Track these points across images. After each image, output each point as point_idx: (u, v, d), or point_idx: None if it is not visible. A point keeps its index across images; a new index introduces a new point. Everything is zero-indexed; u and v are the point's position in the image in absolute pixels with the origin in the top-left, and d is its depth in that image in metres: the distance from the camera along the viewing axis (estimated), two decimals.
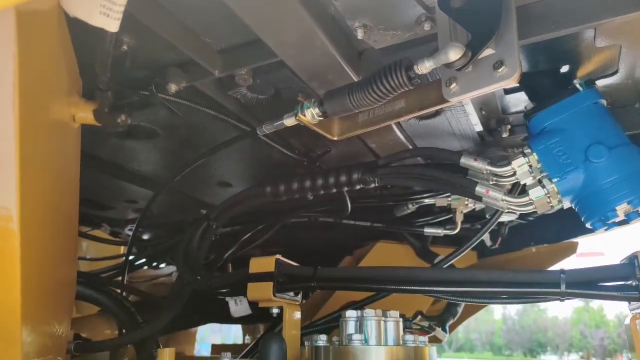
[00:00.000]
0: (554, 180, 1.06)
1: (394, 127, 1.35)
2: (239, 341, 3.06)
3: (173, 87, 1.09)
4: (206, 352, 2.95)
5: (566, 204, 1.12)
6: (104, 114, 0.92)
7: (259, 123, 1.21)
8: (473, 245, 1.52)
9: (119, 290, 1.60)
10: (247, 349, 1.67)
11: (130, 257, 1.96)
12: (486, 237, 1.80)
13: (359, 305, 1.46)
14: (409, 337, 1.10)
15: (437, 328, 1.62)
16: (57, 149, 0.81)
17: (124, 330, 1.48)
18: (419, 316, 1.67)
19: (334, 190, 1.43)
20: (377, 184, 1.36)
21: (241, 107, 1.27)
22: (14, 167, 0.58)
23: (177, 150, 1.53)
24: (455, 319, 1.77)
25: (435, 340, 1.68)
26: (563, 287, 1.04)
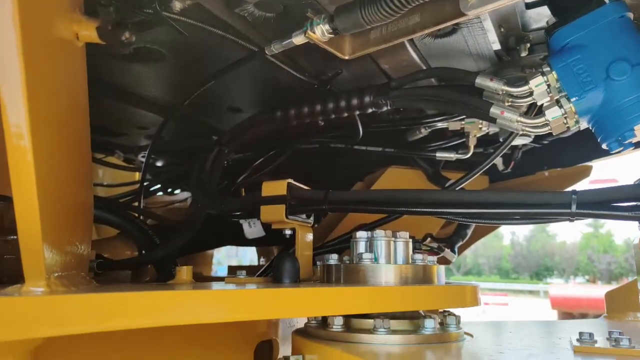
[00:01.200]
0: (573, 99, 1.03)
1: (408, 46, 1.30)
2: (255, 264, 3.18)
3: (177, 5, 1.05)
4: (223, 274, 3.09)
5: (583, 125, 1.09)
6: (108, 31, 0.89)
7: (267, 43, 1.18)
8: (485, 169, 1.51)
9: (136, 214, 1.65)
10: (262, 269, 1.74)
11: (145, 184, 2.00)
12: (499, 161, 1.78)
13: (369, 227, 1.48)
14: (418, 256, 1.13)
15: (446, 249, 1.66)
16: (63, 67, 0.79)
17: (143, 252, 1.55)
18: (429, 238, 1.70)
19: (346, 114, 1.41)
20: (389, 107, 1.33)
21: (249, 26, 1.22)
22: (19, 83, 0.57)
23: (185, 73, 1.50)
24: (464, 241, 1.80)
25: (444, 261, 1.72)
26: (574, 208, 1.04)
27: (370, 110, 1.36)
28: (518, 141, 1.61)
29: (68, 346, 0.75)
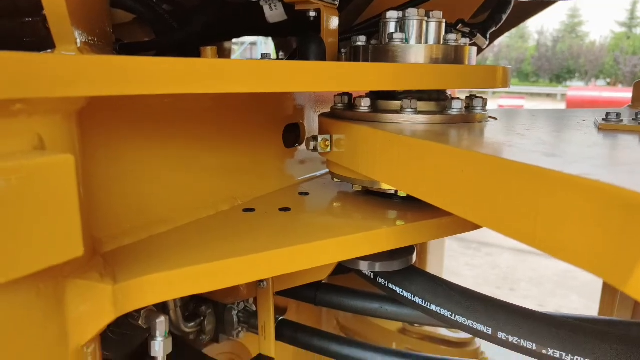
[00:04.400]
0: None
1: None
2: None
3: None
4: None
5: None
6: None
7: None
8: None
9: None
10: (285, 59, 1.70)
11: None
12: None
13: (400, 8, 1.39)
14: (451, 36, 1.08)
15: (478, 34, 1.58)
16: None
17: None
18: (460, 24, 1.60)
19: None
20: None
21: None
22: None
23: None
24: (497, 26, 1.70)
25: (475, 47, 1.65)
26: None
27: None
28: None
29: (108, 115, 0.78)
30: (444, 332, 1.70)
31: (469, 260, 5.63)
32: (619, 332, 0.82)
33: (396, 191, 1.07)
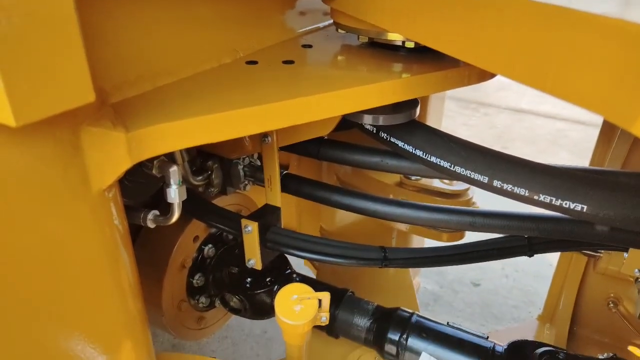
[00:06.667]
0: None
1: None
2: None
3: None
4: None
5: None
6: None
7: None
8: None
9: None
10: None
11: None
12: None
13: None
14: None
15: None
16: None
17: None
18: None
19: None
20: None
21: None
22: None
23: None
24: None
25: None
26: None
27: None
28: None
29: None
30: (438, 184, 1.78)
31: (466, 120, 5.69)
32: (609, 179, 0.87)
33: (403, 42, 1.04)
